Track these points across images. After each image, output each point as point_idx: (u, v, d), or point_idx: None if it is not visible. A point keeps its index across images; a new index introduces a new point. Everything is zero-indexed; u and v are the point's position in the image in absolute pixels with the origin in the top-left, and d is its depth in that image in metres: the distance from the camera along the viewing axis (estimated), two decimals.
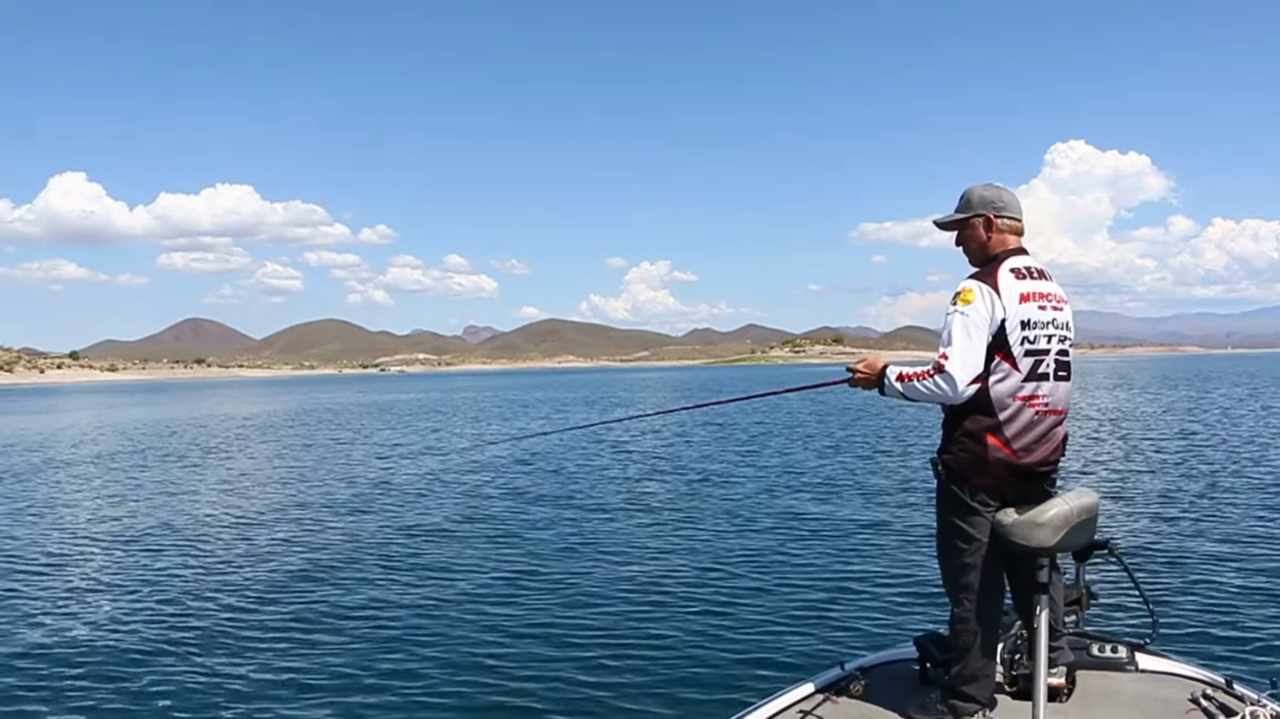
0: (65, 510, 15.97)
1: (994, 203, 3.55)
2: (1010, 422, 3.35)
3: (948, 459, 3.44)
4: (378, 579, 10.03)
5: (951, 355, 3.31)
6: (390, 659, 7.33)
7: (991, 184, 3.62)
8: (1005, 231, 3.55)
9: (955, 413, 3.43)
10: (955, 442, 3.42)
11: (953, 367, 3.31)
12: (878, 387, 3.56)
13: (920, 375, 3.40)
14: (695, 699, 6.32)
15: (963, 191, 3.65)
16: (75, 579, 10.53)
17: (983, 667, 3.43)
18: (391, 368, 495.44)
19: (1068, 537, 3.27)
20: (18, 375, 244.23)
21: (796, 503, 14.47)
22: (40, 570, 11.09)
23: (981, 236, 3.56)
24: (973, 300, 3.34)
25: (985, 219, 3.55)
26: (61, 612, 9.13)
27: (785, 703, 3.55)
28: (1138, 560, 9.75)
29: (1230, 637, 7.30)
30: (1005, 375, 3.35)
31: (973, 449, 3.37)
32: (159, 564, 11.23)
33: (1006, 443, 3.36)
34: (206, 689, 6.80)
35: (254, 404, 67.48)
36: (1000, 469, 3.37)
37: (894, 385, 3.48)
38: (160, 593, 9.77)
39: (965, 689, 3.41)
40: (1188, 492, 14.44)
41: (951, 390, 3.32)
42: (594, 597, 9.05)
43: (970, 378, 3.31)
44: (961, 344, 3.31)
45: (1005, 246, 3.54)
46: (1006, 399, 3.35)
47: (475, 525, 13.29)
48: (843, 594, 8.90)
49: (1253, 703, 3.30)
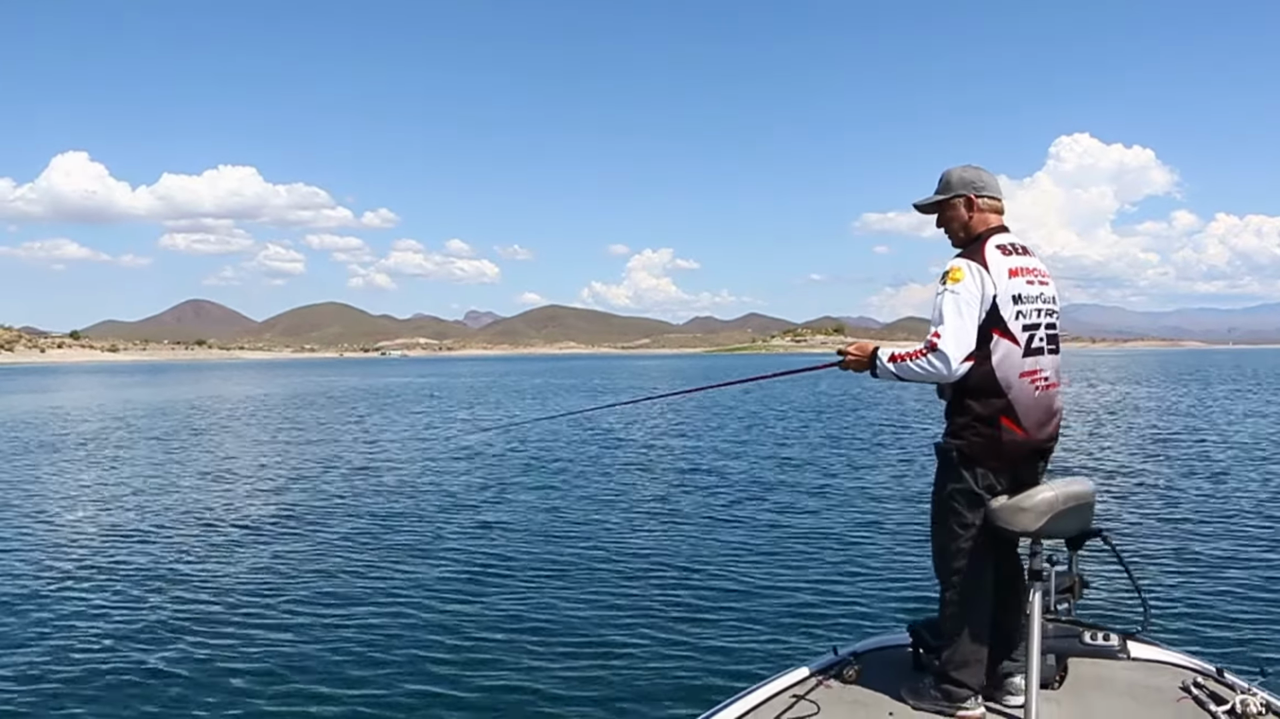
0: (35, 496, 15.82)
1: (974, 183, 3.53)
2: (1019, 400, 3.34)
3: (959, 444, 3.39)
4: (343, 570, 9.87)
5: (944, 334, 3.28)
6: (362, 651, 7.25)
7: (970, 165, 3.60)
8: (986, 210, 3.53)
9: (962, 397, 3.39)
10: (968, 426, 3.37)
11: (945, 345, 3.28)
12: (870, 368, 3.53)
13: (913, 355, 3.36)
14: (689, 685, 6.34)
15: (941, 174, 3.62)
16: (38, 565, 10.40)
17: (973, 652, 3.41)
18: (392, 352, 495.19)
19: (1052, 522, 3.24)
20: (18, 354, 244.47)
21: (790, 491, 14.51)
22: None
23: (963, 216, 3.54)
24: (962, 278, 3.32)
25: (966, 199, 3.52)
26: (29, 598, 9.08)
27: (779, 687, 3.55)
28: (1131, 549, 9.84)
29: (1221, 626, 7.34)
30: (1006, 353, 3.33)
31: (985, 433, 3.34)
32: (132, 548, 11.18)
33: (1018, 422, 3.34)
34: (183, 678, 6.73)
35: (250, 386, 67.43)
36: (1014, 450, 3.35)
37: (886, 366, 3.45)
38: (136, 579, 9.68)
39: (956, 674, 3.39)
40: (1182, 482, 14.54)
41: (945, 368, 3.29)
42: (586, 584, 9.06)
43: (963, 355, 3.29)
44: (953, 322, 3.28)
45: (987, 225, 3.51)
46: (1012, 378, 3.33)
47: (469, 514, 13.32)
48: (837, 581, 8.93)
49: (1243, 691, 3.31)
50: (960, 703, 3.38)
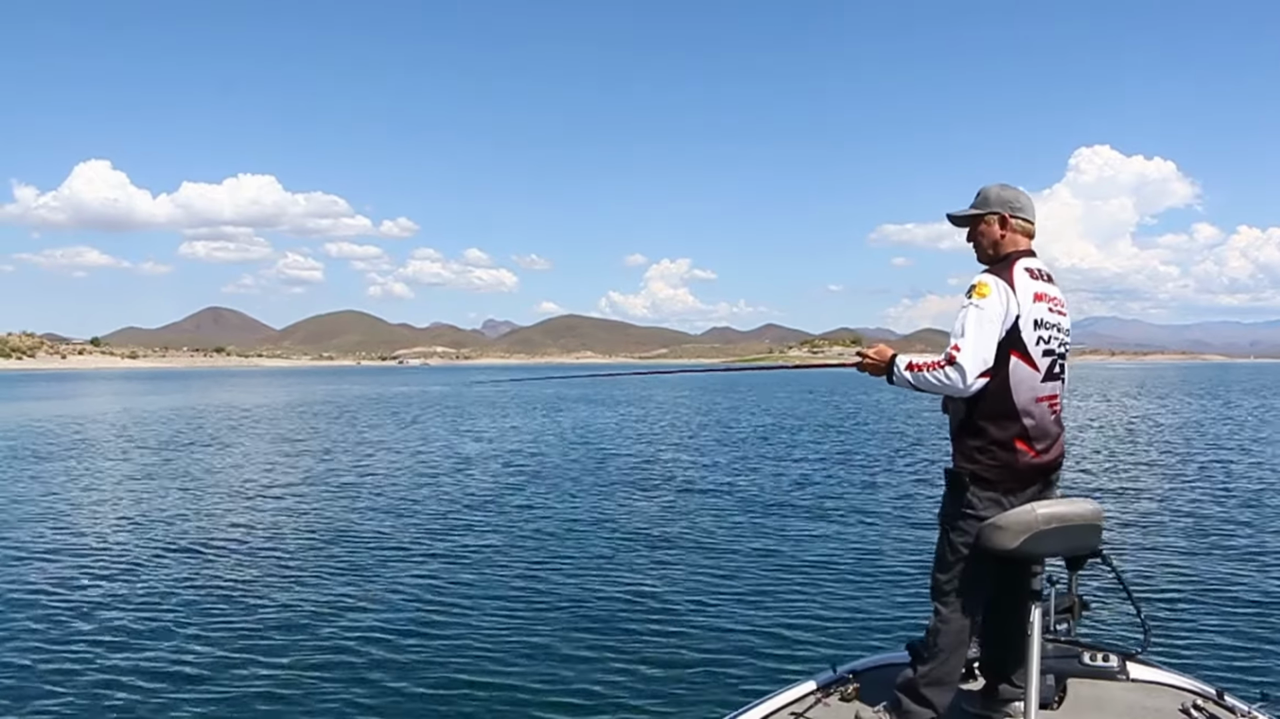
0: (31, 503, 15.95)
1: (1011, 203, 3.55)
2: (1034, 424, 3.36)
3: (973, 469, 3.38)
4: (335, 578, 10.00)
5: (964, 347, 3.29)
6: (369, 657, 7.32)
7: (1008, 185, 3.61)
8: (1018, 232, 3.55)
9: (977, 419, 3.39)
10: (983, 450, 3.37)
11: (964, 359, 3.29)
12: (886, 374, 3.53)
13: (931, 365, 3.37)
14: (687, 699, 6.35)
15: (979, 189, 3.64)
16: (34, 566, 10.54)
17: (948, 673, 3.41)
18: (410, 360, 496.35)
19: (1032, 542, 3.23)
20: (40, 361, 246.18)
21: (795, 507, 14.50)
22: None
23: (996, 234, 3.56)
24: (988, 294, 3.33)
25: (1001, 217, 3.55)
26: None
27: (777, 704, 3.56)
28: (1132, 570, 9.78)
29: (1222, 648, 7.30)
30: (1025, 377, 3.35)
31: (1002, 457, 3.35)
32: (136, 554, 11.31)
33: (1031, 445, 3.36)
34: (192, 680, 6.83)
35: (260, 395, 67.77)
36: (1028, 472, 3.37)
37: (903, 374, 3.45)
38: (136, 579, 9.86)
39: (925, 692, 3.38)
40: (1187, 502, 14.42)
41: (961, 382, 3.30)
42: (584, 596, 9.06)
43: (980, 370, 3.30)
44: (974, 337, 3.29)
45: (1017, 247, 3.54)
46: (1029, 402, 3.35)
47: (470, 511, 13.38)
48: (837, 598, 8.92)
49: (1243, 714, 3.31)
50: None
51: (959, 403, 3.44)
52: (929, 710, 3.37)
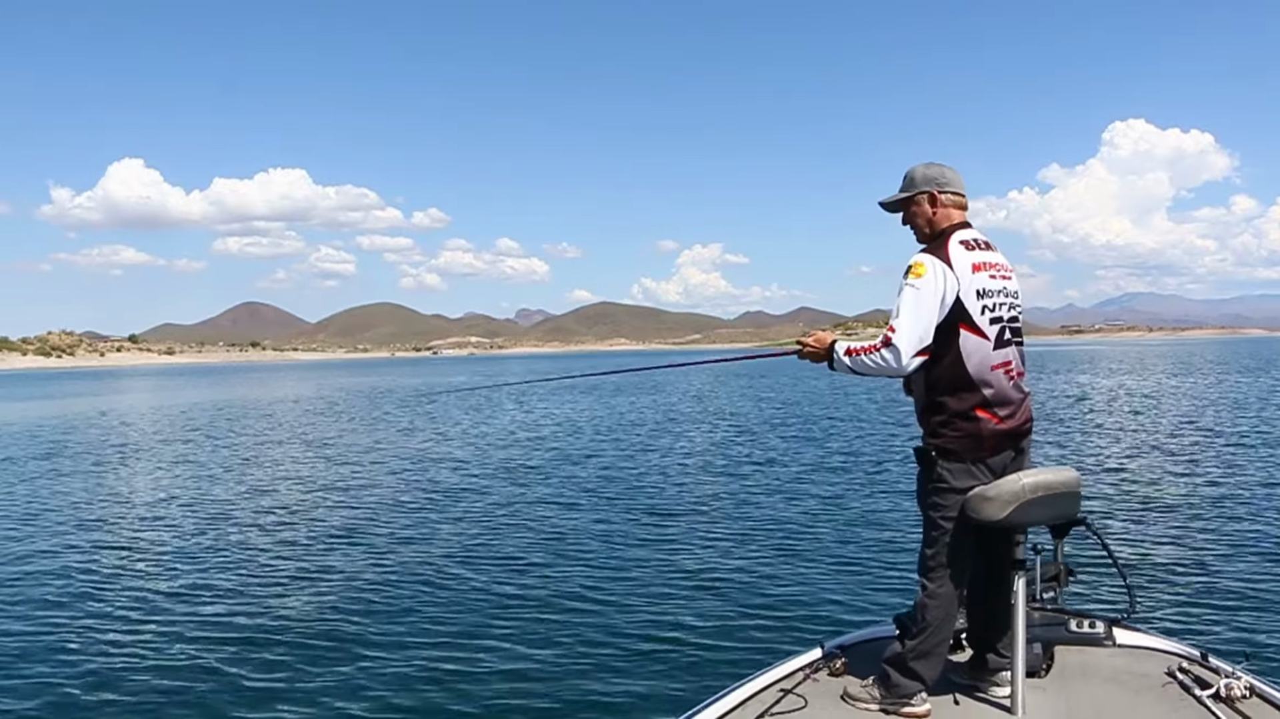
0: (57, 500, 16.10)
1: (937, 179, 3.57)
2: (994, 392, 3.38)
3: (939, 444, 3.41)
4: (334, 578, 10.06)
5: (898, 328, 3.33)
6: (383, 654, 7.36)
7: (933, 162, 3.62)
8: (950, 206, 3.56)
9: (936, 396, 3.42)
10: (946, 424, 3.40)
11: (899, 339, 3.32)
12: (827, 361, 3.57)
13: (868, 349, 3.41)
14: (676, 679, 6.38)
15: (905, 171, 3.66)
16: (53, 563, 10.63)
17: (936, 645, 3.43)
18: (443, 350, 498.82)
19: (1020, 511, 3.25)
20: (79, 358, 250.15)
21: (776, 485, 14.58)
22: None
23: (927, 213, 3.57)
24: (924, 274, 3.35)
25: (930, 195, 3.56)
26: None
27: (766, 681, 3.59)
28: (1117, 537, 9.89)
29: (1206, 612, 7.35)
30: (977, 347, 3.36)
31: (964, 428, 3.37)
32: (167, 545, 11.54)
33: (994, 413, 3.38)
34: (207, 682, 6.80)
35: (290, 389, 68.36)
36: (994, 440, 3.38)
37: (842, 360, 3.49)
38: (154, 579, 9.94)
39: (913, 665, 3.40)
40: (1168, 471, 14.57)
41: (896, 363, 3.33)
42: (573, 579, 9.12)
43: (915, 350, 3.32)
44: (908, 317, 3.32)
45: (950, 221, 3.54)
46: (985, 371, 3.37)
47: (464, 508, 13.55)
48: (824, 576, 8.94)
49: (1227, 675, 3.32)
50: (906, 698, 3.39)
51: (919, 382, 3.48)
52: (917, 683, 3.39)
